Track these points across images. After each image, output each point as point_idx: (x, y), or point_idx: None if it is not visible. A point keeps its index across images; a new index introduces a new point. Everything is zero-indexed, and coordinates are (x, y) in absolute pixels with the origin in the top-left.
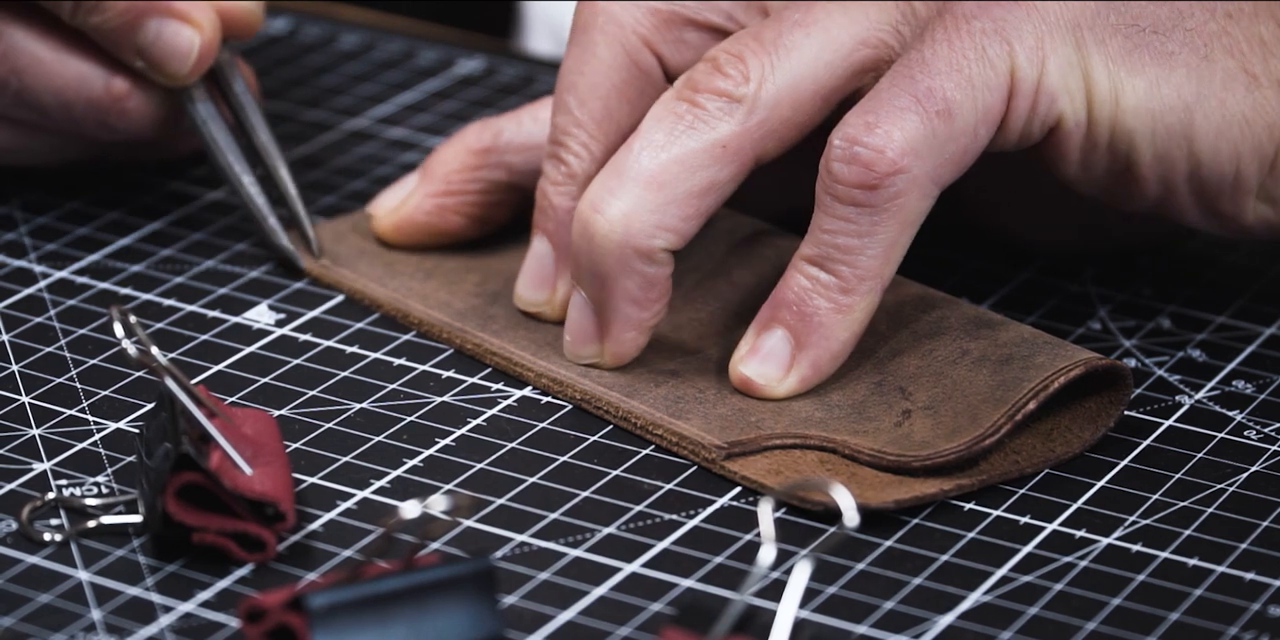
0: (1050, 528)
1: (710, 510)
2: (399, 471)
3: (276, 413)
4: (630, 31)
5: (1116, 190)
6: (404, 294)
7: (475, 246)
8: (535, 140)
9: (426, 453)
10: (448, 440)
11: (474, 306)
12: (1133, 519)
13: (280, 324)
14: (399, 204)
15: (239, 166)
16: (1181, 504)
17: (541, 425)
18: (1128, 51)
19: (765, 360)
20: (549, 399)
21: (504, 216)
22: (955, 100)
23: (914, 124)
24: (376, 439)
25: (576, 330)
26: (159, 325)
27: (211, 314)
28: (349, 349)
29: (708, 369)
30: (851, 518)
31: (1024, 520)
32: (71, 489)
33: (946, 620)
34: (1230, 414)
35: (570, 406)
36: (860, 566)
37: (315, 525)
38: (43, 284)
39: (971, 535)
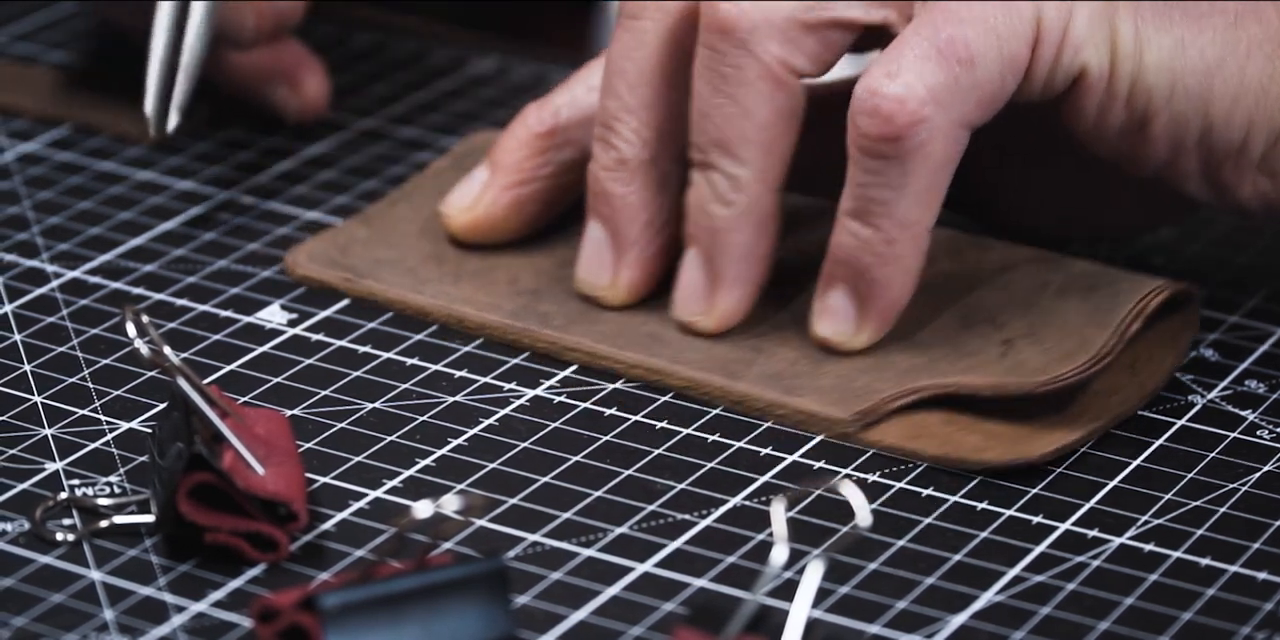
0: (1063, 527)
1: (723, 510)
2: (411, 471)
3: (289, 412)
4: (679, 18)
5: (1127, 149)
6: (448, 300)
7: (485, 246)
8: (587, 111)
9: (439, 452)
10: (460, 440)
11: (523, 306)
12: (1145, 519)
13: (292, 324)
14: (473, 201)
15: (161, 37)
16: (1194, 504)
17: (554, 425)
18: (1158, 10)
19: (835, 318)
20: (561, 399)
21: (575, 195)
22: (979, 49)
23: (935, 73)
24: (389, 439)
25: (689, 288)
26: (171, 325)
27: (224, 314)
28: (361, 349)
29: (787, 340)
30: (864, 517)
31: (1036, 520)
32: (84, 489)
33: (959, 620)
34: (1243, 413)
35: (581, 407)
36: (873, 566)
37: (328, 525)
38: (55, 284)
39: (984, 535)
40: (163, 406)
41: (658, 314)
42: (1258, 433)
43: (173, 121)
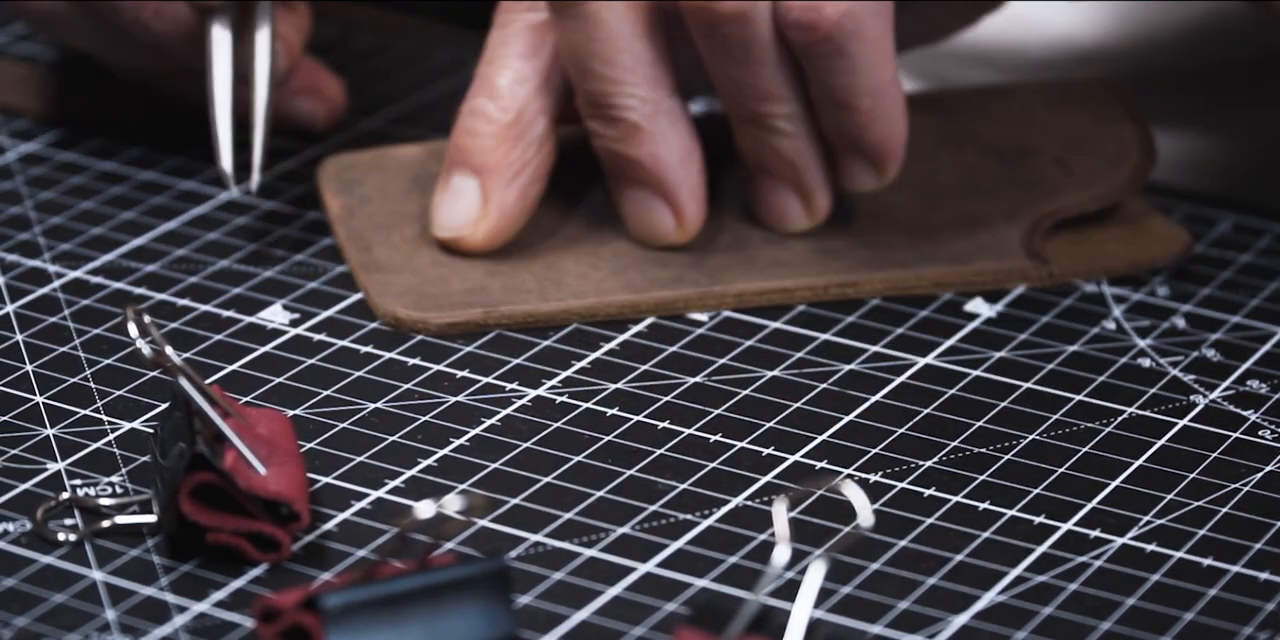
0: (1065, 527)
1: (725, 510)
2: (413, 471)
3: (291, 412)
4: None
5: None
6: (596, 294)
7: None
8: (535, 79)
9: (441, 452)
10: (462, 440)
11: (642, 279)
12: (1147, 519)
13: (294, 324)
14: (480, 212)
15: (221, 90)
16: (1196, 504)
17: (556, 425)
18: None
19: (857, 178)
20: (563, 399)
21: (556, 160)
22: None
23: None
24: (391, 439)
25: (784, 208)
26: (173, 325)
27: (226, 314)
28: (363, 349)
29: (874, 226)
30: (866, 518)
31: (1038, 520)
32: (86, 489)
33: (961, 620)
34: (1245, 414)
35: (584, 406)
36: (875, 566)
37: (329, 525)
38: (57, 284)
39: (986, 535)
40: (164, 406)
41: (749, 246)
42: (1260, 433)
43: (255, 181)
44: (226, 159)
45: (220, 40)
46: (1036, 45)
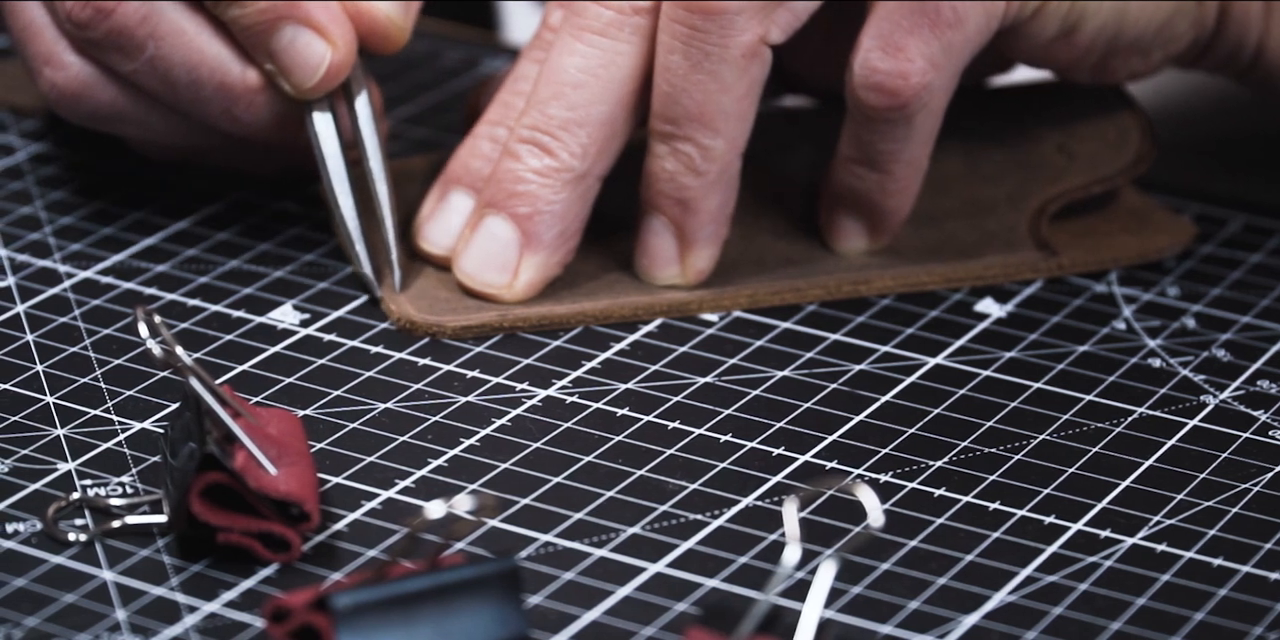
0: (1075, 528)
1: (735, 510)
2: (423, 471)
3: (301, 413)
4: (649, 40)
5: (1044, 54)
6: (612, 295)
7: None
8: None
9: (451, 453)
10: (472, 440)
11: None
12: (1157, 519)
13: (305, 324)
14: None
15: (340, 187)
16: (1206, 504)
17: (566, 425)
18: None
19: (850, 237)
20: (573, 399)
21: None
22: (964, 9)
23: (930, 41)
24: (401, 439)
25: (660, 254)
26: (183, 325)
27: (236, 314)
28: (373, 349)
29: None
30: (876, 518)
31: (1049, 520)
32: (96, 489)
33: (971, 620)
34: (1255, 414)
35: (594, 407)
36: (885, 566)
37: (340, 525)
38: (67, 284)
39: (996, 535)
40: (175, 406)
41: (756, 240)
42: (1270, 433)
43: (398, 278)
44: (367, 263)
45: (325, 133)
46: None
